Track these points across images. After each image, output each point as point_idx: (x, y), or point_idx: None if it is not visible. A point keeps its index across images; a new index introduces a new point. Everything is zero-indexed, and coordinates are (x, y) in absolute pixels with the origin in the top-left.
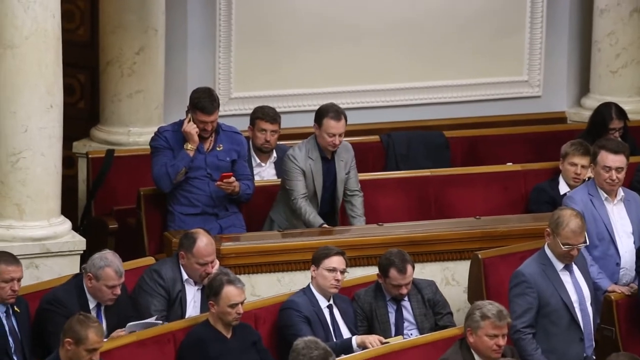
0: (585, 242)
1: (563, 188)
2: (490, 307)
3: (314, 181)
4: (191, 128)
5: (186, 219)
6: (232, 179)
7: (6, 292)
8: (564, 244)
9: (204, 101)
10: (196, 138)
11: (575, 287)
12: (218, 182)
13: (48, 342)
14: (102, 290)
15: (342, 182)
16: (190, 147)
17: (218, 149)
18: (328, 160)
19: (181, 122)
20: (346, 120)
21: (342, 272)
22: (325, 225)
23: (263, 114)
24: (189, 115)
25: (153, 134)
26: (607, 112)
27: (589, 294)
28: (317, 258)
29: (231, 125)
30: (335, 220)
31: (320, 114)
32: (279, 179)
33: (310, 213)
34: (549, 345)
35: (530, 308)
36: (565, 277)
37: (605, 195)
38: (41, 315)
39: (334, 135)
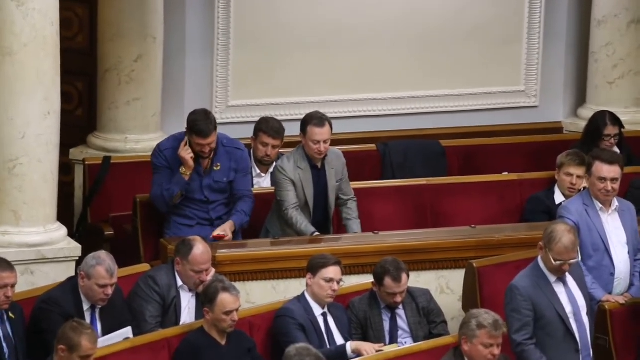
0: (576, 257)
1: (559, 198)
2: (487, 316)
3: (304, 190)
4: (186, 153)
5: (182, 227)
6: (227, 237)
7: (0, 298)
8: (555, 260)
9: (200, 124)
10: (191, 163)
11: (570, 298)
12: (213, 235)
13: (44, 341)
14: (92, 289)
15: (333, 190)
16: (185, 172)
17: (215, 168)
18: (317, 168)
19: (181, 137)
20: (331, 127)
21: (339, 282)
22: (317, 234)
23: (267, 128)
24: (186, 138)
25: (154, 148)
26: (601, 119)
27: (585, 304)
28: (313, 267)
29: (234, 140)
30: (328, 229)
31: (305, 123)
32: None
33: (302, 222)
34: (545, 356)
35: (528, 321)
36: (559, 289)
37: (600, 206)
38: (36, 314)
39: (319, 142)
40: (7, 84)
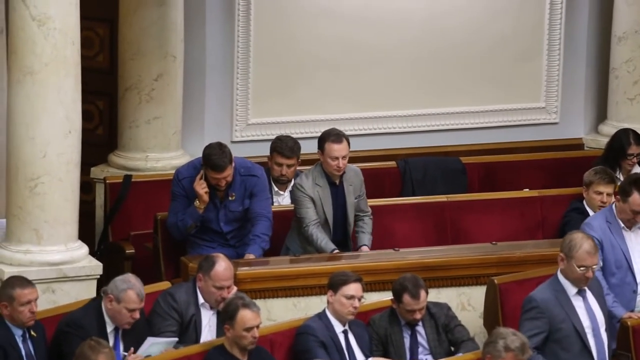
0: (598, 263)
1: (592, 214)
2: (514, 338)
3: (323, 208)
4: (200, 188)
5: (204, 247)
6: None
7: (25, 315)
8: (579, 266)
9: (215, 159)
10: (205, 198)
11: (589, 312)
12: None
13: None
14: (121, 312)
15: (352, 207)
16: (199, 206)
17: (230, 198)
18: (336, 185)
19: (199, 164)
20: (349, 143)
21: (360, 299)
22: (337, 251)
23: (280, 148)
24: (202, 171)
25: (174, 175)
26: (625, 138)
27: (603, 319)
28: (334, 284)
29: (251, 166)
30: (348, 246)
31: (322, 139)
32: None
33: (322, 239)
34: None
35: (540, 332)
36: (577, 303)
37: (623, 224)
38: (59, 337)
39: (337, 158)
40: (28, 103)
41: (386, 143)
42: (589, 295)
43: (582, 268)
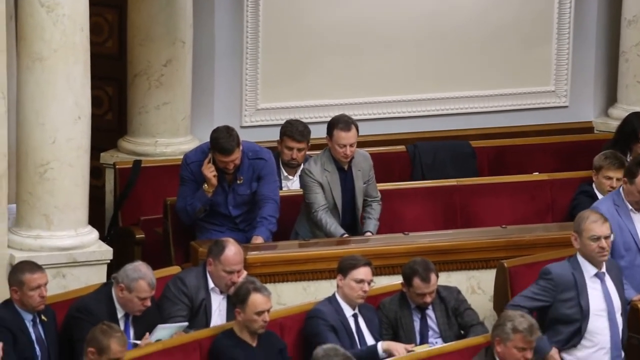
0: (611, 233)
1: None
2: (522, 320)
3: (332, 193)
4: (208, 172)
5: (214, 231)
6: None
7: (35, 300)
8: (590, 238)
9: (222, 142)
10: (214, 181)
11: (605, 296)
12: None
13: (74, 350)
14: (133, 301)
15: (360, 192)
16: (207, 189)
17: (239, 182)
18: (344, 171)
19: (208, 149)
20: (357, 130)
21: (369, 282)
22: (346, 236)
23: (291, 132)
24: (210, 155)
25: (182, 159)
26: (637, 122)
27: (620, 304)
28: (344, 268)
29: (259, 150)
30: (357, 231)
31: (331, 126)
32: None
33: (332, 224)
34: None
35: (541, 300)
36: (594, 285)
37: (631, 207)
38: (69, 322)
39: (345, 146)
40: (37, 90)
41: (396, 127)
42: (608, 279)
43: (593, 238)
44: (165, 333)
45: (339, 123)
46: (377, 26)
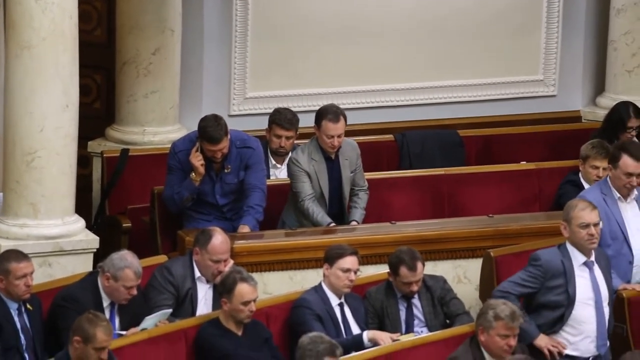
0: (600, 220)
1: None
2: (504, 307)
3: (319, 182)
4: (196, 160)
5: (200, 220)
6: None
7: (21, 288)
8: (579, 225)
9: (210, 131)
10: (201, 170)
11: (593, 285)
12: None
13: (60, 338)
14: (119, 290)
15: (347, 181)
16: (195, 178)
17: (226, 170)
18: (332, 160)
19: (196, 137)
20: (346, 120)
21: (356, 272)
22: (333, 225)
23: (279, 120)
24: (198, 144)
25: (170, 148)
26: (624, 111)
27: (607, 293)
28: (330, 257)
29: (247, 139)
30: (344, 220)
31: (319, 116)
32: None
33: (318, 213)
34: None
35: (528, 286)
36: (583, 273)
37: (618, 195)
38: (54, 311)
39: (333, 136)
40: (25, 78)
41: (384, 116)
42: (596, 268)
43: (582, 225)
44: (150, 322)
45: (327, 114)
46: (366, 15)
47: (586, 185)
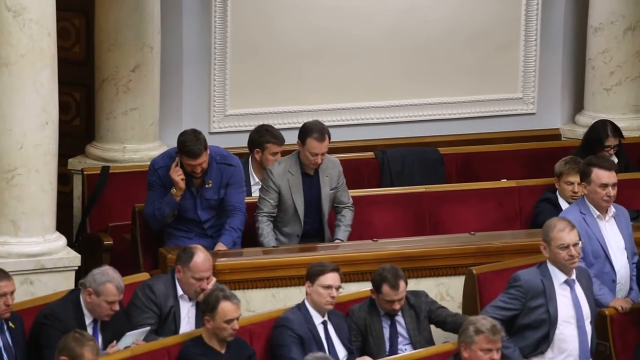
0: (580, 240)
1: (564, 205)
2: (484, 322)
3: (292, 197)
4: (176, 175)
5: (181, 237)
6: None
7: (1, 307)
8: (558, 246)
9: (189, 145)
10: (182, 185)
11: (575, 303)
12: None
13: (42, 357)
14: (101, 305)
15: (327, 198)
16: (176, 193)
17: (207, 186)
18: (310, 175)
19: (175, 153)
20: (329, 139)
21: (337, 288)
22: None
23: (273, 138)
24: (177, 159)
25: (149, 165)
26: (602, 129)
27: (589, 312)
28: (311, 274)
29: (227, 155)
30: (324, 237)
31: (304, 133)
32: None
33: (266, 235)
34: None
35: (510, 309)
36: (564, 292)
37: (598, 213)
38: (37, 329)
39: (317, 155)
40: (4, 95)
41: (364, 134)
42: (577, 286)
43: (561, 246)
44: (128, 340)
45: (313, 132)
46: (346, 33)
47: (563, 202)
